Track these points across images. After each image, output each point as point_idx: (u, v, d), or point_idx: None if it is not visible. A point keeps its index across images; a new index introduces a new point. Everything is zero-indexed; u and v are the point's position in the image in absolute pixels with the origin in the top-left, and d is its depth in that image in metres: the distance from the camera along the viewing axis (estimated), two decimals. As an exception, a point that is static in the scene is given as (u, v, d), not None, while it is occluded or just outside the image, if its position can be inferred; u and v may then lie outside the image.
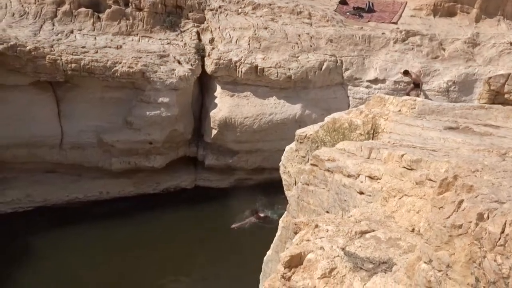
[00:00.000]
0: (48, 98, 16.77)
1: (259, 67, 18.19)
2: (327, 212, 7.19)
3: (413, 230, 5.20)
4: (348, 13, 21.81)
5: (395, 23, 21.32)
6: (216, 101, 18.26)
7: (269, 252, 9.72)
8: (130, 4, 18.49)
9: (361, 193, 6.59)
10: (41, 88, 16.56)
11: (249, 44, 18.69)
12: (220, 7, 19.86)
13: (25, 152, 16.81)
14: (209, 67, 18.19)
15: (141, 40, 18.05)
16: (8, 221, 16.33)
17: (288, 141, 11.57)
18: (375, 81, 19.43)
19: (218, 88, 18.41)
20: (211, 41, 18.78)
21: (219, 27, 19.10)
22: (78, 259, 14.92)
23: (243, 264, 14.48)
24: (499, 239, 3.22)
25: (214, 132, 18.20)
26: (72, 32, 17.23)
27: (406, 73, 18.85)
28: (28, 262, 14.54)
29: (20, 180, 17.09)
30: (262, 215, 17.13)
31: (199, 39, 18.95)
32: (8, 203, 16.75)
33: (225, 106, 18.11)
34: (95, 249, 15.45)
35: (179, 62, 17.71)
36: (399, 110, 9.67)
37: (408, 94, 17.73)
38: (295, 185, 9.45)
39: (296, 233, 5.70)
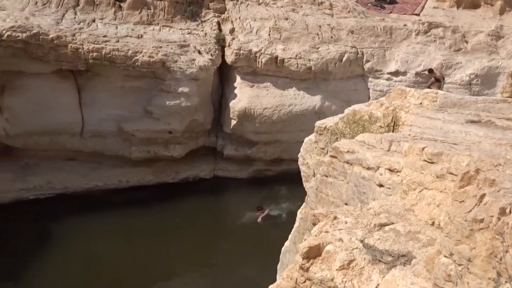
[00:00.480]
0: (70, 86, 16.92)
1: (279, 58, 18.15)
2: (346, 204, 7.17)
3: (433, 224, 5.16)
4: (369, 4, 21.62)
5: (418, 14, 21.08)
6: (236, 91, 18.27)
7: (287, 243, 9.73)
8: (151, -6, 18.54)
9: (381, 185, 6.55)
10: (63, 76, 16.71)
11: (269, 34, 18.64)
12: (241, -3, 19.85)
13: (47, 140, 17.02)
14: (229, 58, 18.18)
15: (162, 29, 18.10)
16: (30, 207, 16.59)
17: (307, 132, 11.52)
18: (396, 73, 19.26)
19: (238, 78, 18.41)
20: (232, 31, 18.76)
21: (239, 17, 19.07)
22: (97, 246, 15.09)
23: (260, 254, 14.53)
24: (522, 234, 3.19)
25: (233, 122, 18.22)
26: (94, 21, 17.33)
27: (431, 71, 18.59)
28: (48, 249, 14.74)
29: (42, 167, 17.32)
30: (266, 212, 16.87)
31: (220, 29, 18.95)
32: (30, 190, 16.99)
33: (244, 96, 18.12)
34: (114, 237, 15.61)
35: (199, 52, 17.73)
36: (420, 103, 9.57)
37: (429, 87, 17.54)
38: (314, 176, 9.42)
39: (314, 224, 5.69)
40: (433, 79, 18.52)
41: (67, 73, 16.76)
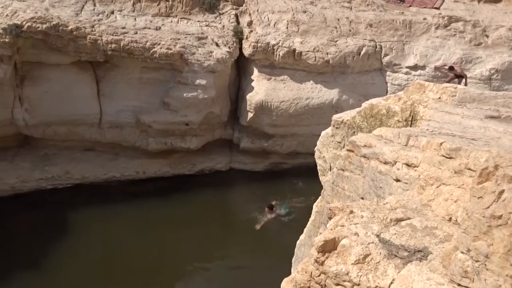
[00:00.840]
0: (88, 77, 17.05)
1: (296, 51, 18.08)
2: (362, 198, 7.14)
3: (450, 220, 5.12)
4: (389, -3, 21.43)
5: (438, 8, 20.85)
6: (253, 84, 18.26)
7: (302, 237, 9.74)
8: (170, -14, 18.56)
9: (398, 180, 6.51)
10: (82, 67, 16.84)
11: (287, 27, 18.58)
12: (259, -11, 19.77)
13: (65, 130, 17.19)
14: (247, 50, 18.17)
15: (180, 21, 18.13)
16: (48, 197, 16.79)
17: (324, 126, 11.50)
18: (415, 67, 19.10)
19: (255, 71, 18.40)
20: (249, 24, 18.72)
21: (257, 10, 19.01)
22: (113, 236, 15.26)
23: (275, 248, 14.57)
24: (540, 231, 3.15)
25: (250, 115, 18.23)
26: (112, 12, 17.41)
27: (451, 69, 18.37)
28: (66, 237, 14.92)
29: (60, 157, 17.51)
30: (276, 211, 16.78)
31: (238, 22, 18.93)
32: (48, 180, 17.19)
33: (261, 89, 18.10)
34: (130, 227, 15.75)
35: (217, 45, 17.74)
36: (439, 98, 9.48)
37: (448, 82, 17.36)
38: (330, 170, 9.40)
39: (330, 218, 5.67)
40: (452, 75, 18.29)
41: (86, 64, 16.89)
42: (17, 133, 16.95)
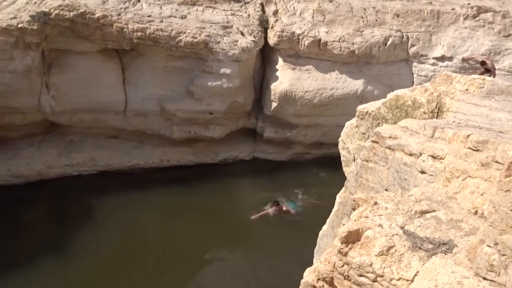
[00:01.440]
0: (114, 65, 17.19)
1: (322, 41, 17.97)
2: (386, 190, 7.09)
3: (475, 213, 5.07)
4: (417, -13, 21.11)
5: (466, -2, 20.49)
6: (278, 73, 18.21)
7: (324, 227, 9.72)
8: (196, -26, 18.55)
9: (423, 172, 6.45)
10: (108, 55, 16.98)
11: (313, 17, 18.45)
12: (285, -22, 19.65)
13: (91, 117, 17.38)
14: (272, 39, 18.10)
15: (205, 10, 18.11)
16: (74, 183, 17.02)
17: (348, 116, 11.43)
18: (442, 58, 18.85)
19: (280, 60, 18.33)
20: (275, 13, 18.63)
21: (283, -1, 18.92)
22: (136, 222, 15.42)
23: (297, 237, 14.57)
24: None
25: (274, 104, 18.20)
26: (138, 1, 17.47)
27: (483, 63, 18.09)
28: (90, 223, 15.12)
29: (86, 144, 17.71)
30: (284, 208, 16.44)
31: (263, 11, 18.85)
32: (74, 166, 17.41)
33: (286, 79, 18.05)
34: (153, 214, 15.89)
35: (242, 34, 17.71)
36: (466, 89, 9.35)
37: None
38: (354, 161, 9.35)
39: (354, 209, 5.66)
40: (483, 69, 18.00)
41: (112, 52, 17.03)
42: (44, 120, 17.20)
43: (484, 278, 3.74)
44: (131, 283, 13.00)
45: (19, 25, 15.25)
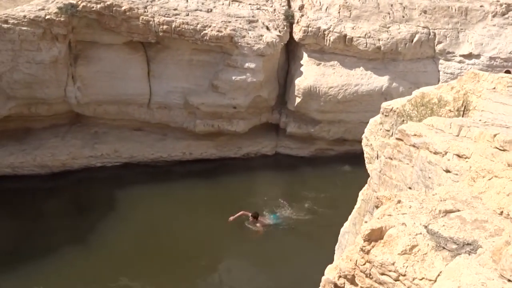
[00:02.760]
0: (140, 58, 17.31)
1: (347, 37, 17.86)
2: (410, 188, 7.03)
3: (501, 213, 4.99)
4: (445, -16, 20.84)
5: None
6: (302, 69, 18.15)
7: (346, 224, 9.68)
8: (222, -32, 18.55)
9: (448, 171, 6.37)
10: (133, 48, 17.11)
11: (339, 12, 18.33)
12: (311, -27, 19.54)
13: (116, 109, 17.54)
14: (297, 35, 18.04)
15: (231, 4, 18.13)
16: (97, 174, 17.21)
17: (372, 113, 11.35)
18: (469, 56, 18.59)
19: (305, 56, 18.27)
20: (301, 8, 18.55)
21: (309, -6, 18.83)
22: (158, 214, 15.51)
23: (318, 233, 14.53)
24: None
25: (297, 100, 18.15)
26: (165, -6, 17.56)
27: (508, 72, 17.74)
28: (112, 215, 15.26)
29: (110, 136, 17.88)
30: (264, 221, 15.32)
31: (289, 6, 18.81)
32: (98, 157, 17.58)
33: (310, 74, 17.98)
34: (175, 206, 15.98)
35: (267, 28, 17.68)
36: (494, 88, 9.20)
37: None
38: (378, 158, 9.29)
39: (377, 207, 5.61)
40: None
41: (137, 45, 17.15)
42: (69, 111, 17.42)
43: (509, 280, 3.69)
44: (150, 275, 13.08)
45: (47, 17, 15.42)
